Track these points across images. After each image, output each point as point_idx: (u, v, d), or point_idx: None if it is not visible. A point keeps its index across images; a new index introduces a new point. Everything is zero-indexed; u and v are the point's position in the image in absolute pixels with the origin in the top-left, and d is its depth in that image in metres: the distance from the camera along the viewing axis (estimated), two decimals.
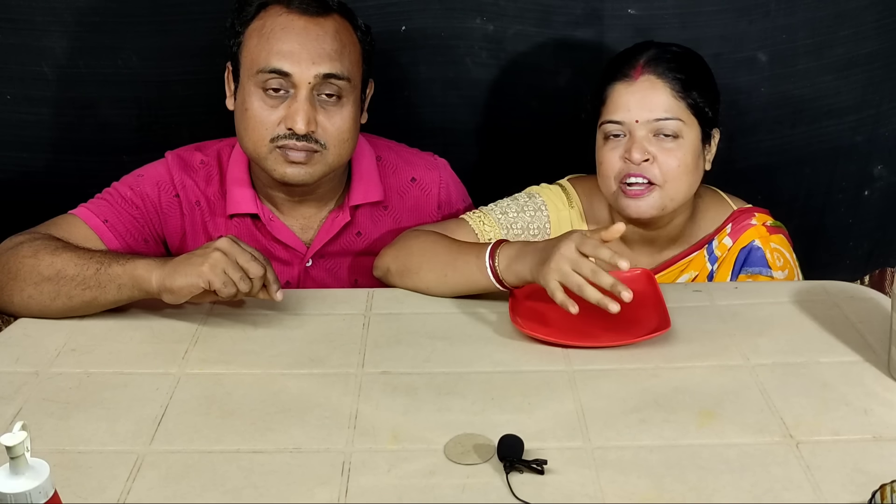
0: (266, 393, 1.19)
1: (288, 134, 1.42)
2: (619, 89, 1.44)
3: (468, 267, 1.38)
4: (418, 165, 1.62)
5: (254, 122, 1.44)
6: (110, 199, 1.50)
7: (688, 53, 1.48)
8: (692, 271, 1.54)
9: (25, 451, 0.82)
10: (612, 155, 1.45)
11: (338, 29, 1.44)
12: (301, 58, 1.41)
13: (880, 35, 1.76)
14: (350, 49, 1.46)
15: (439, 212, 1.63)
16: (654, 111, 1.42)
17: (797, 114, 1.82)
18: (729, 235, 1.53)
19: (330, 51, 1.42)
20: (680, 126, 1.43)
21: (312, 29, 1.42)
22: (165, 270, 1.31)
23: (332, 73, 1.42)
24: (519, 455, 1.04)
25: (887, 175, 1.90)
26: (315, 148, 1.44)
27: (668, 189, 1.44)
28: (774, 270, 1.51)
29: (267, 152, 1.44)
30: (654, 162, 1.43)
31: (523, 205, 1.56)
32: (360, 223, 1.58)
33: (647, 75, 1.43)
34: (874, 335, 1.29)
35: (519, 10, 1.74)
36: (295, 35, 1.41)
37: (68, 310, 1.35)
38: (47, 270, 1.34)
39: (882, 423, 1.11)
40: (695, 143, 1.45)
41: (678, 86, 1.43)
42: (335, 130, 1.45)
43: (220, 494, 1.01)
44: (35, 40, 1.71)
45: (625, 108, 1.43)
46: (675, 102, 1.43)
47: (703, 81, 1.47)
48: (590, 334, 1.29)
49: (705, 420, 1.12)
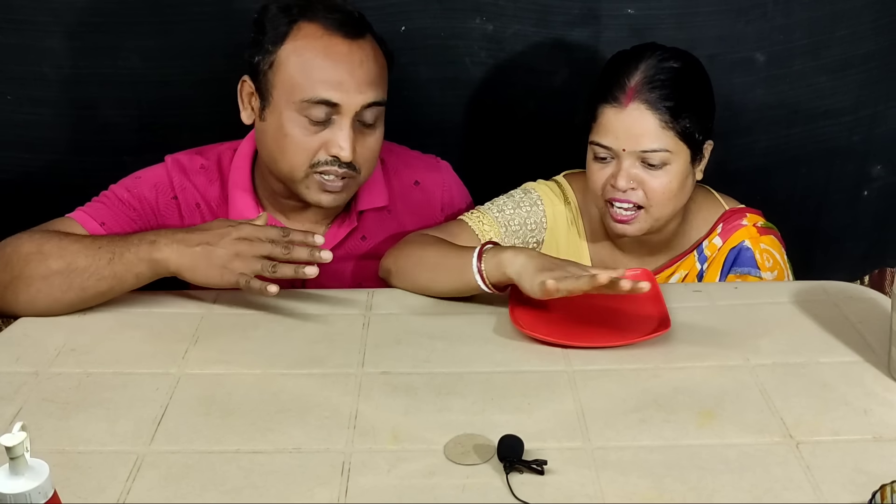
0: (266, 393, 1.19)
1: (330, 160, 1.40)
2: (609, 114, 1.43)
3: (457, 263, 1.37)
4: (420, 168, 1.62)
5: (294, 148, 1.40)
6: (107, 201, 1.49)
7: (684, 69, 1.45)
8: (682, 271, 1.55)
9: (25, 452, 0.81)
10: (600, 175, 1.47)
11: (375, 52, 1.42)
12: (349, 87, 1.37)
13: (877, 35, 1.76)
14: (383, 70, 1.44)
15: (442, 214, 1.63)
16: (641, 143, 1.42)
17: (794, 114, 1.82)
18: (719, 235, 1.54)
19: (374, 77, 1.40)
20: (667, 156, 1.42)
21: (356, 53, 1.38)
22: (185, 262, 1.32)
23: (376, 101, 1.40)
24: (519, 455, 1.04)
25: (885, 175, 1.90)
26: (352, 174, 1.43)
27: (653, 212, 1.46)
28: (763, 271, 1.51)
29: (303, 177, 1.42)
30: (640, 187, 1.44)
31: (519, 201, 1.57)
32: (365, 228, 1.57)
33: (637, 103, 1.41)
34: (874, 335, 1.29)
35: (518, 11, 1.74)
36: (341, 62, 1.37)
37: (81, 301, 1.35)
38: (56, 264, 1.34)
39: (882, 423, 1.11)
40: (682, 168, 1.45)
41: (667, 116, 1.41)
42: (370, 153, 1.44)
43: (220, 494, 1.01)
44: (36, 41, 1.71)
45: (613, 135, 1.43)
46: (663, 132, 1.42)
47: (696, 102, 1.45)
48: (590, 334, 1.29)
49: (705, 420, 1.12)
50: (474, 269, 1.34)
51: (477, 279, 1.34)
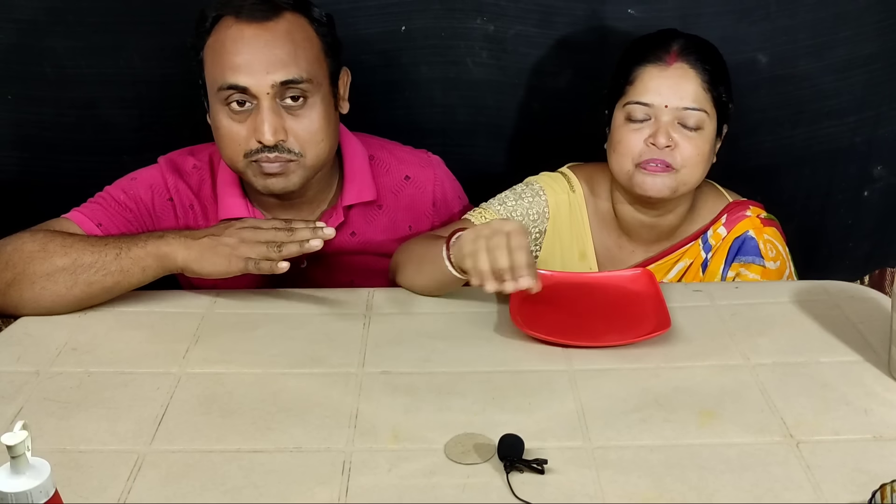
0: (266, 393, 1.19)
1: (259, 148, 1.40)
2: (652, 72, 1.46)
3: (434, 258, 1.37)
4: (412, 163, 1.62)
5: (226, 140, 1.43)
6: (104, 202, 1.49)
7: (713, 48, 1.51)
8: (687, 259, 1.56)
9: (26, 451, 0.82)
10: (635, 136, 1.47)
11: (289, 30, 1.41)
12: (254, 69, 1.38)
13: (880, 36, 1.76)
14: (305, 47, 1.42)
15: (434, 209, 1.62)
16: (684, 99, 1.44)
17: (797, 115, 1.82)
18: (724, 225, 1.56)
19: (283, 56, 1.39)
20: (703, 118, 1.45)
21: (262, 35, 1.39)
22: (192, 254, 1.34)
23: (289, 80, 1.39)
24: (519, 455, 1.04)
25: (887, 176, 1.90)
26: (289, 158, 1.42)
27: (683, 174, 1.46)
28: (767, 261, 1.53)
29: (244, 167, 1.44)
30: (676, 148, 1.45)
31: (521, 193, 1.58)
32: (353, 223, 1.57)
33: (681, 63, 1.45)
34: (874, 335, 1.29)
35: (520, 11, 1.74)
36: (245, 46, 1.38)
37: (87, 297, 1.36)
38: (61, 260, 1.34)
39: (882, 423, 1.11)
40: (712, 135, 1.48)
41: (708, 77, 1.45)
42: (306, 134, 1.42)
43: (220, 494, 1.01)
44: (37, 40, 1.71)
45: (656, 92, 1.45)
46: (704, 94, 1.45)
47: (727, 77, 1.50)
48: (590, 334, 1.29)
49: (705, 420, 1.12)
50: (444, 256, 1.35)
51: (448, 267, 1.34)
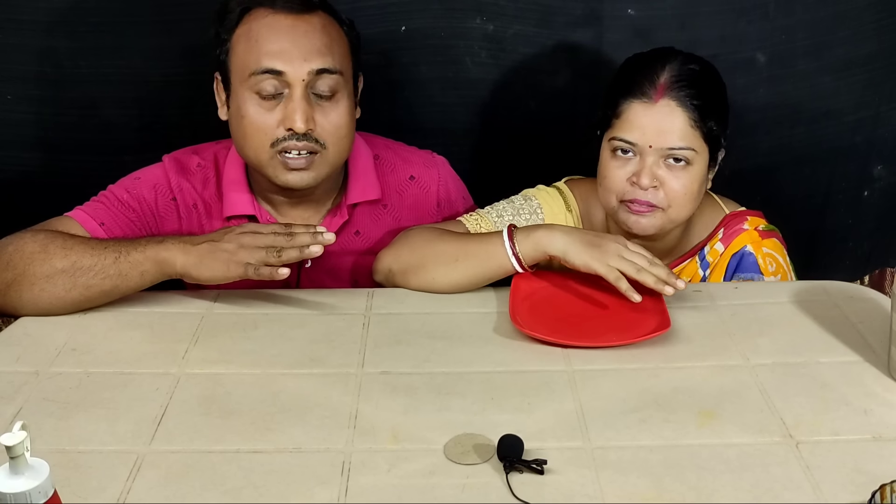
0: (266, 393, 1.19)
1: (288, 135, 1.42)
2: (637, 109, 1.41)
3: (481, 250, 1.40)
4: (416, 163, 1.62)
5: (252, 129, 1.43)
6: (106, 201, 1.49)
7: (707, 72, 1.45)
8: (685, 277, 1.52)
9: (25, 451, 0.82)
10: (619, 174, 1.44)
11: (324, 24, 1.44)
12: (292, 55, 1.41)
13: (879, 36, 1.76)
14: (339, 43, 1.46)
15: (439, 209, 1.62)
16: (669, 139, 1.40)
17: (796, 115, 1.82)
18: (720, 241, 1.52)
19: (320, 45, 1.42)
20: (691, 155, 1.41)
21: (300, 26, 1.42)
22: (190, 259, 1.34)
23: (325, 68, 1.42)
24: (519, 455, 1.04)
25: (886, 175, 1.90)
26: (315, 148, 1.43)
27: (670, 213, 1.44)
28: (767, 276, 1.50)
29: (268, 159, 1.44)
30: (661, 187, 1.42)
31: (519, 207, 1.56)
32: (358, 222, 1.58)
33: (667, 99, 1.40)
34: (874, 335, 1.29)
35: (519, 11, 1.74)
36: (283, 33, 1.41)
37: (85, 300, 1.36)
38: (61, 263, 1.34)
39: (882, 423, 1.11)
40: (702, 171, 1.44)
41: (696, 115, 1.40)
42: (333, 127, 1.44)
43: (220, 494, 1.01)
44: (37, 40, 1.72)
45: (640, 130, 1.41)
46: (691, 131, 1.40)
47: (719, 106, 1.45)
48: (590, 334, 1.29)
49: (705, 420, 1.12)
50: (509, 252, 1.37)
51: (513, 262, 1.38)
